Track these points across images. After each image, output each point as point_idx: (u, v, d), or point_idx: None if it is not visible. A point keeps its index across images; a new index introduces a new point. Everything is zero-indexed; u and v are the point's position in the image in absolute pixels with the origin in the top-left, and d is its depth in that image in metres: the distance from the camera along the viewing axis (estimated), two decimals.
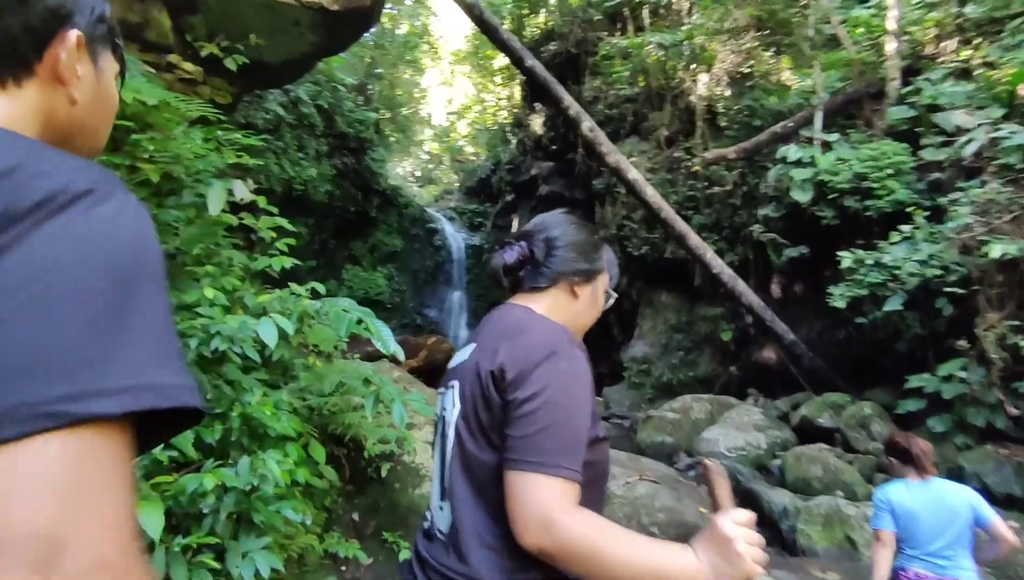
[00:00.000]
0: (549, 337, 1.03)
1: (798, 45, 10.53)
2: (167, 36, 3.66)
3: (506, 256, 1.18)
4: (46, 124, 0.57)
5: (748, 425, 7.99)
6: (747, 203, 10.18)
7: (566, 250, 1.17)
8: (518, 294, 1.21)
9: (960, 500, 2.68)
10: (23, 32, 0.53)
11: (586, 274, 1.20)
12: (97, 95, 0.62)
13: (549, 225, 1.21)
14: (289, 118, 14.08)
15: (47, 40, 0.55)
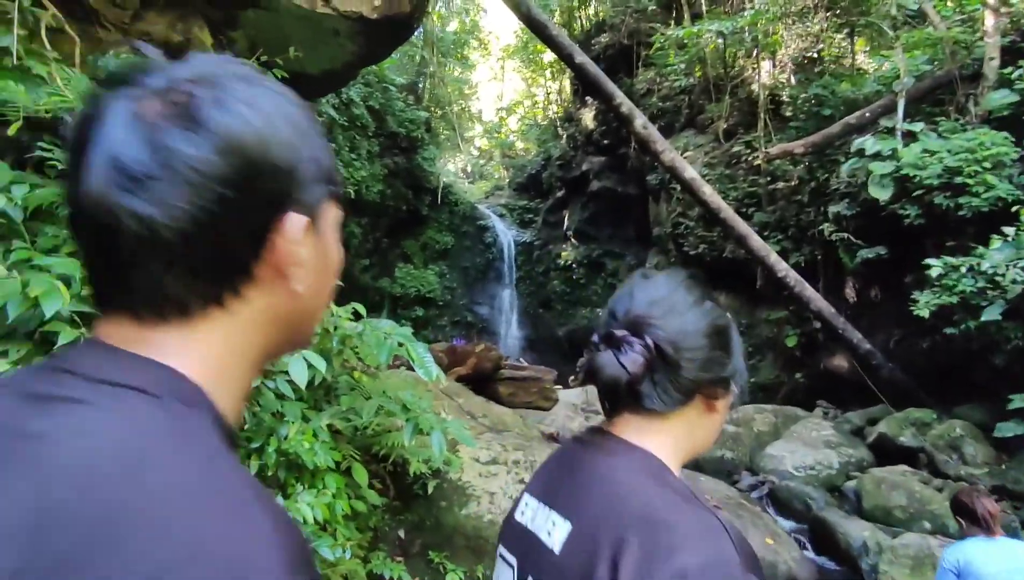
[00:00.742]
0: (713, 561, 0.64)
1: (875, 25, 9.69)
2: (209, 53, 3.60)
3: (625, 361, 0.75)
4: (268, 328, 0.50)
5: (818, 441, 7.42)
6: (815, 200, 9.48)
7: (702, 345, 0.78)
8: (623, 414, 0.81)
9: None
10: (241, 236, 0.46)
11: (727, 377, 0.82)
12: (322, 267, 0.53)
13: (668, 305, 0.79)
14: (341, 120, 14.30)
15: (265, 234, 0.47)
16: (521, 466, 4.91)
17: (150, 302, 0.45)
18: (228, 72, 0.47)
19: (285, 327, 0.52)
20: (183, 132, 0.43)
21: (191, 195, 0.43)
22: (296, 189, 0.48)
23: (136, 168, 0.42)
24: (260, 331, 0.49)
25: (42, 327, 1.62)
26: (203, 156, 0.43)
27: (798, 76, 11.56)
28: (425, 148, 18.67)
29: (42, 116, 2.23)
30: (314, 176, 0.50)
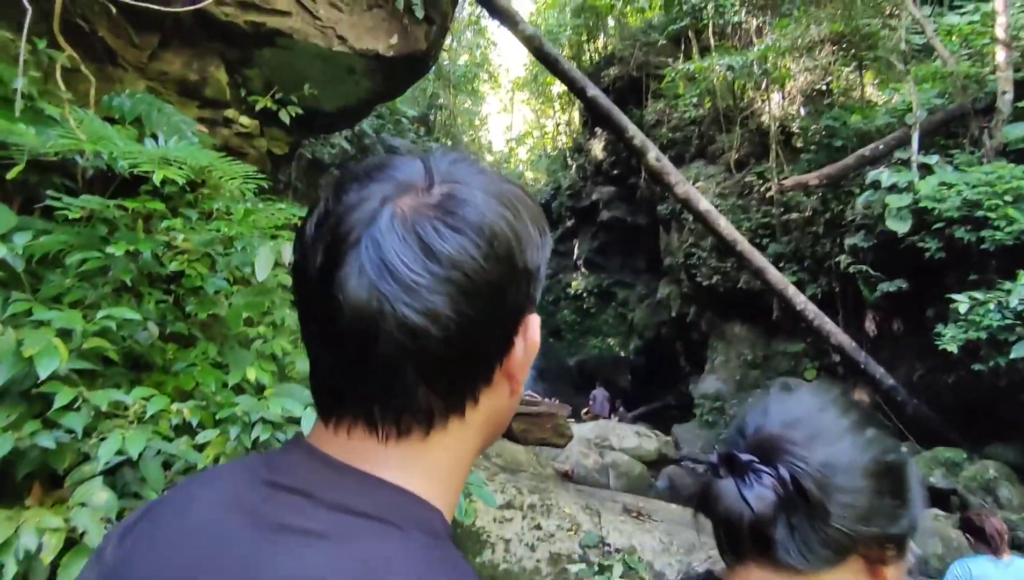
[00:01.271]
0: None
1: (883, 58, 9.71)
2: (224, 92, 3.61)
3: (750, 495, 0.59)
4: (486, 430, 0.49)
5: None
6: (830, 231, 9.35)
7: (861, 487, 0.59)
8: (749, 565, 0.62)
9: None
10: (496, 342, 0.45)
11: (900, 534, 0.61)
12: (528, 362, 0.52)
13: (812, 428, 0.61)
14: (353, 152, 14.45)
15: (513, 338, 0.47)
16: (537, 510, 4.72)
17: (395, 413, 0.43)
18: (466, 163, 0.47)
19: (496, 427, 0.51)
20: (451, 234, 0.41)
21: (461, 301, 0.41)
22: (537, 289, 0.48)
23: (407, 273, 0.40)
24: (481, 434, 0.48)
25: (38, 387, 1.53)
26: (473, 261, 0.41)
27: (808, 108, 11.56)
28: None
29: (51, 158, 2.19)
30: (542, 271, 0.49)
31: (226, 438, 2.32)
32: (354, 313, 0.40)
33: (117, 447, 1.53)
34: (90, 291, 2.01)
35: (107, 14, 3.06)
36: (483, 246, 0.42)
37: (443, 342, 0.41)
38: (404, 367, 0.41)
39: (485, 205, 0.43)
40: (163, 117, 2.83)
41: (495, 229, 0.43)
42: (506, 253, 0.43)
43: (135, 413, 1.73)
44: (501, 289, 0.43)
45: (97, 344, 1.76)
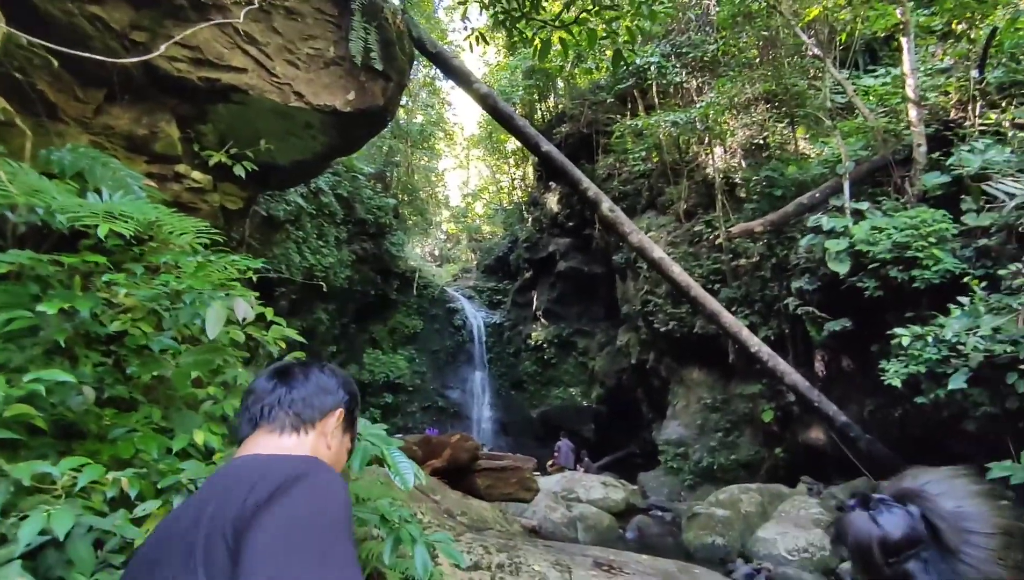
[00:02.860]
0: None
1: (812, 115, 10.50)
2: (175, 147, 3.54)
3: (883, 520, 0.65)
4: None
5: (807, 520, 7.18)
6: (778, 275, 9.76)
7: (994, 540, 0.57)
8: None
9: None
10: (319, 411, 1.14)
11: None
12: (339, 445, 1.18)
13: (945, 486, 0.59)
14: (310, 208, 14.35)
15: (327, 413, 1.16)
16: (506, 570, 4.51)
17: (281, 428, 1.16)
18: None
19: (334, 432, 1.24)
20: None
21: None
22: (345, 405, 1.27)
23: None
24: (327, 438, 1.22)
25: None
26: None
27: (748, 161, 12.28)
28: (393, 233, 18.82)
29: None
30: (353, 405, 1.31)
31: (168, 509, 2.14)
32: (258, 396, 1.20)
33: (41, 526, 1.37)
34: (16, 354, 1.86)
35: (48, 68, 2.99)
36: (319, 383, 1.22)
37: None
38: (281, 413, 1.15)
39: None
40: (107, 171, 2.73)
41: (329, 380, 1.26)
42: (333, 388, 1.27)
43: (64, 486, 1.58)
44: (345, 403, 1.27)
45: (22, 411, 1.61)
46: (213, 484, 0.93)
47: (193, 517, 0.86)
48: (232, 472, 0.94)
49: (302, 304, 14.31)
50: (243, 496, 0.81)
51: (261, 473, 0.87)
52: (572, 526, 8.32)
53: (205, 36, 3.46)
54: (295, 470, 0.87)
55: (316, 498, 0.83)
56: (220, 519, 0.81)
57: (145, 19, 3.25)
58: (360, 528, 3.64)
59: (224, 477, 0.93)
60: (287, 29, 3.69)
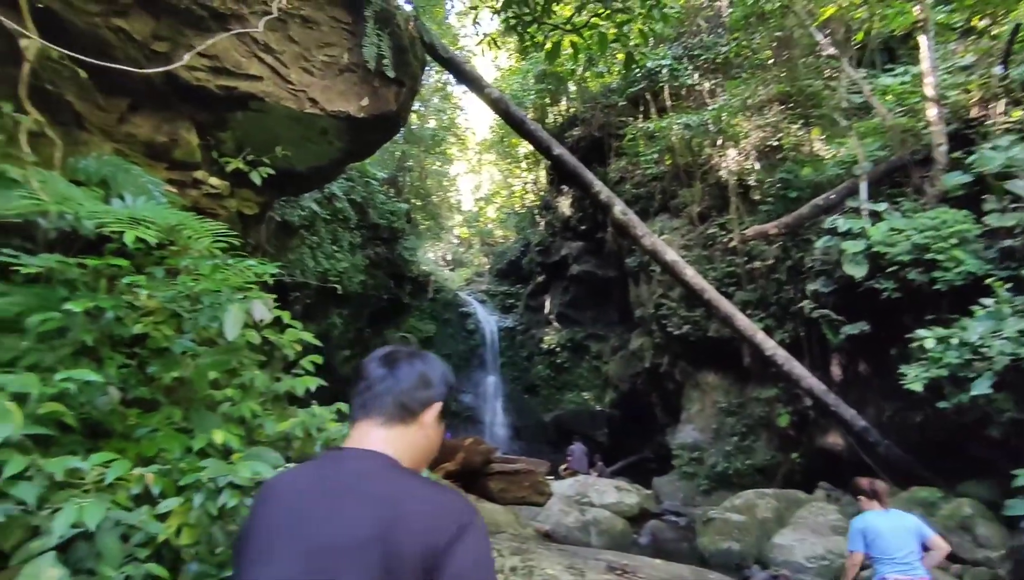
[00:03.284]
0: None
1: (827, 116, 10.41)
2: (194, 153, 3.63)
3: None
4: (413, 449, 1.12)
5: (825, 527, 7.08)
6: (793, 278, 9.68)
7: None
8: None
9: (911, 523, 3.87)
10: (421, 404, 1.13)
11: None
12: (436, 436, 1.18)
13: None
14: (324, 214, 14.50)
15: (429, 406, 1.14)
16: (519, 573, 4.52)
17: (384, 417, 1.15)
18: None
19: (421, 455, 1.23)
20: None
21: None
22: (442, 397, 1.25)
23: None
24: (414, 446, 1.18)
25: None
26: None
27: (762, 162, 12.19)
28: (406, 238, 18.93)
29: (13, 220, 2.14)
30: (451, 396, 1.28)
31: (189, 507, 2.19)
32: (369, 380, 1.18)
33: (74, 519, 1.42)
34: (48, 354, 1.92)
35: (76, 79, 3.09)
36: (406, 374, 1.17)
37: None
38: (389, 401, 1.14)
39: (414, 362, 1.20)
40: (130, 178, 2.81)
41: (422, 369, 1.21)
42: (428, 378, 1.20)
43: (92, 481, 1.63)
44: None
45: (53, 409, 1.66)
46: (337, 492, 0.97)
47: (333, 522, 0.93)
48: (369, 487, 0.97)
49: (317, 309, 14.44)
50: (423, 533, 0.89)
51: (427, 510, 0.93)
52: (585, 530, 8.29)
53: (224, 45, 3.55)
54: (463, 516, 0.93)
55: (485, 546, 0.94)
56: (396, 544, 0.88)
57: (166, 30, 3.35)
58: None
59: (356, 490, 0.97)
60: (303, 37, 3.77)
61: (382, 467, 1.01)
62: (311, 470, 1.06)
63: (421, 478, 1.04)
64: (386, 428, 1.08)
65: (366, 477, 0.99)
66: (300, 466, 1.12)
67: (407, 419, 1.10)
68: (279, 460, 2.66)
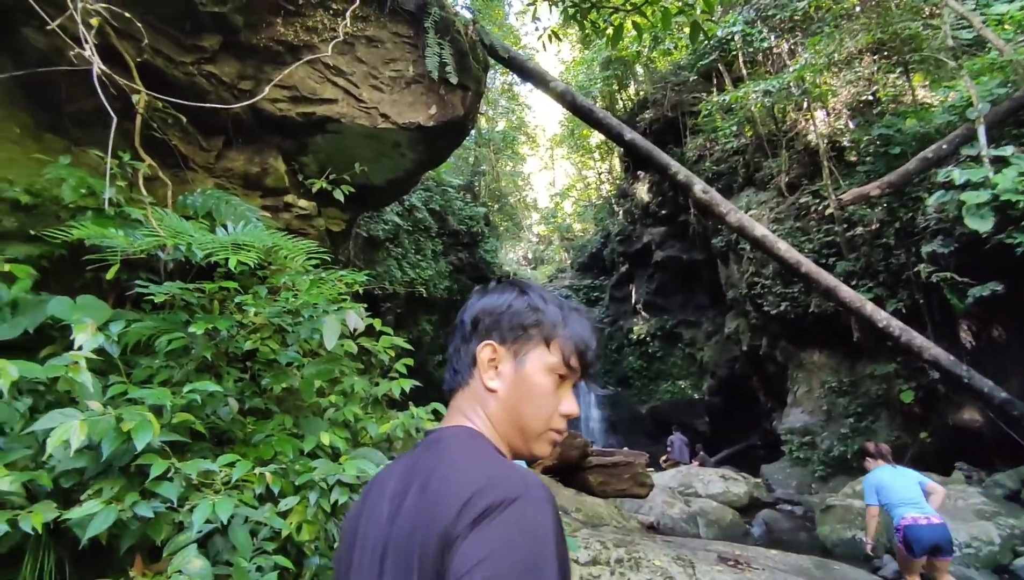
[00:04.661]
0: None
1: (930, 59, 9.38)
2: (283, 179, 3.91)
3: None
4: (486, 411, 0.88)
5: (968, 511, 6.40)
6: (903, 241, 8.82)
7: None
8: None
9: (912, 474, 4.68)
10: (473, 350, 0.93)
11: None
12: (516, 388, 0.88)
13: None
14: (406, 225, 15.11)
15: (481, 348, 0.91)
16: (625, 565, 4.46)
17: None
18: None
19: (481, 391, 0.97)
20: None
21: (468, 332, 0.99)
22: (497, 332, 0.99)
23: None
24: (475, 396, 0.94)
25: (135, 460, 1.63)
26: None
27: (856, 120, 11.22)
28: (486, 241, 19.26)
29: (138, 256, 2.42)
30: (517, 325, 0.98)
31: (306, 504, 2.36)
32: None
33: (208, 513, 1.58)
34: (176, 370, 2.15)
35: (179, 125, 3.43)
36: (487, 312, 0.95)
37: (460, 347, 0.95)
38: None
39: (504, 298, 0.98)
40: (230, 208, 3.08)
41: (497, 307, 0.97)
42: (486, 316, 0.96)
43: (221, 481, 1.80)
44: (476, 331, 0.96)
45: (185, 418, 1.86)
46: (414, 469, 0.81)
47: (388, 512, 0.79)
48: (434, 467, 0.77)
49: (407, 317, 15.05)
50: (449, 515, 0.68)
51: (445, 486, 0.72)
52: (692, 521, 8.02)
53: (300, 75, 3.80)
54: (497, 491, 0.68)
55: (519, 536, 0.66)
56: (421, 531, 0.71)
57: (249, 68, 3.64)
58: None
59: (426, 470, 0.78)
60: (369, 56, 3.95)
61: (440, 441, 0.83)
62: (400, 460, 0.90)
63: (469, 448, 0.80)
64: (459, 392, 0.90)
65: (425, 458, 0.81)
66: (398, 458, 0.95)
67: (465, 374, 0.89)
68: (383, 459, 2.80)
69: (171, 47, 3.42)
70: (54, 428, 1.43)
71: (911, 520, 4.37)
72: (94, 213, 2.61)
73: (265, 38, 3.67)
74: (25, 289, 2.14)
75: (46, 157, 2.77)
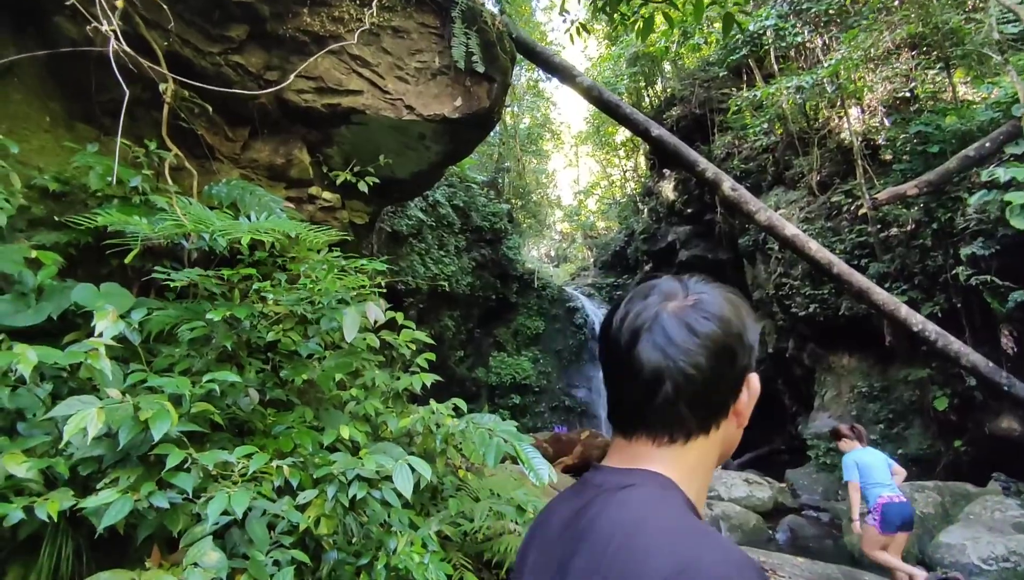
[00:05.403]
0: None
1: (973, 54, 9.02)
2: (307, 171, 3.90)
3: None
4: (720, 446, 0.77)
5: (1005, 524, 6.14)
6: (941, 242, 8.51)
7: None
8: None
9: (882, 455, 5.03)
10: (732, 385, 0.75)
11: None
12: (750, 402, 0.80)
13: None
14: (429, 221, 15.14)
15: (740, 387, 0.76)
16: None
17: (669, 428, 0.71)
18: (704, 281, 0.78)
19: (727, 448, 0.79)
20: (704, 321, 0.70)
21: (712, 359, 0.69)
22: (754, 357, 0.76)
23: (682, 343, 0.68)
24: (717, 450, 0.76)
25: (153, 450, 1.60)
26: (719, 336, 0.70)
27: (891, 118, 10.86)
28: (509, 238, 19.22)
29: (161, 244, 2.42)
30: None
31: (324, 498, 2.33)
32: (649, 368, 0.68)
33: (224, 506, 1.55)
34: (197, 360, 2.14)
35: (205, 115, 3.44)
36: (723, 328, 0.71)
37: (702, 383, 0.69)
38: (678, 401, 0.69)
39: (721, 305, 0.73)
40: (254, 199, 3.07)
41: (730, 318, 0.72)
42: (736, 333, 0.72)
43: (239, 472, 1.77)
44: (734, 353, 0.71)
45: (204, 408, 1.84)
46: (585, 523, 0.67)
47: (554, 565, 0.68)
48: (609, 526, 0.64)
49: (429, 312, 15.09)
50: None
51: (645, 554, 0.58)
52: (714, 525, 7.87)
53: (325, 66, 3.78)
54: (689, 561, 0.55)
55: None
56: None
57: (276, 58, 3.63)
58: (497, 522, 3.72)
59: (600, 529, 0.65)
60: (395, 47, 3.92)
61: (622, 489, 0.69)
62: (567, 501, 0.76)
63: (660, 506, 0.65)
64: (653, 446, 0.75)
65: (602, 510, 0.68)
66: (565, 491, 0.80)
67: (699, 419, 0.74)
68: (403, 454, 2.76)
69: (199, 37, 3.43)
70: (72, 415, 1.42)
71: (888, 499, 4.68)
72: (120, 201, 2.62)
73: (291, 28, 3.66)
74: (51, 275, 2.14)
75: (76, 145, 2.79)
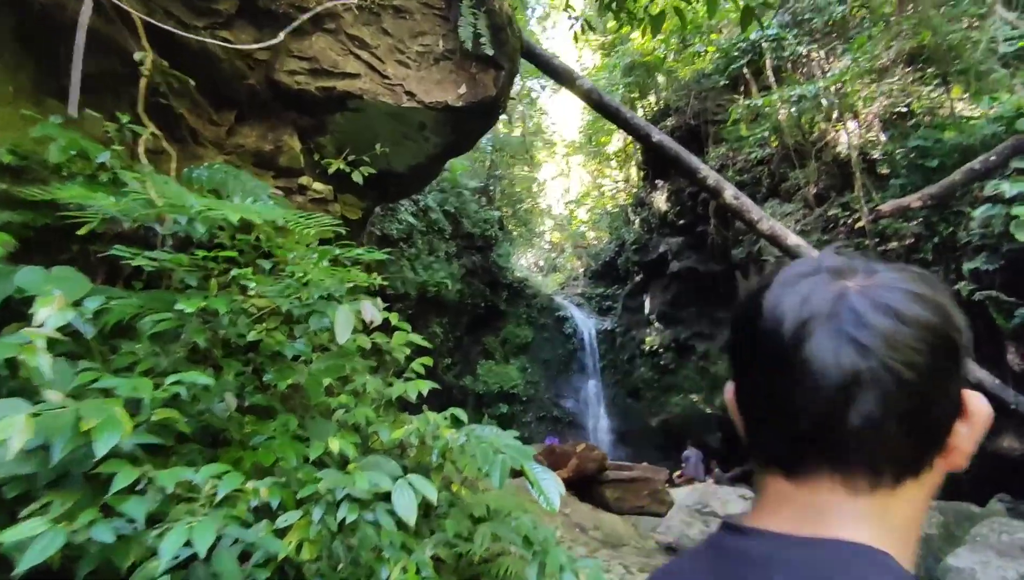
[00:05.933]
0: None
1: (972, 69, 9.00)
2: (298, 160, 3.62)
3: None
4: (932, 491, 0.53)
5: (1013, 547, 5.95)
6: (943, 257, 8.42)
7: None
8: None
9: None
10: (953, 399, 0.51)
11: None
12: (974, 433, 0.56)
13: None
14: (420, 226, 14.87)
15: (960, 410, 0.51)
16: None
17: (872, 462, 0.47)
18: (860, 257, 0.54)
19: (929, 503, 0.53)
20: (912, 304, 0.47)
21: (931, 355, 0.46)
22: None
23: (888, 332, 0.46)
24: (927, 501, 0.52)
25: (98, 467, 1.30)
26: (938, 324, 0.47)
27: (888, 132, 10.84)
28: (499, 245, 19.01)
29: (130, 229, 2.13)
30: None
31: (309, 521, 2.03)
32: (838, 371, 0.45)
33: (183, 540, 1.25)
34: (163, 358, 1.84)
35: (188, 95, 3.14)
36: (939, 315, 0.48)
37: (920, 393, 0.46)
38: (886, 419, 0.45)
39: (923, 285, 0.49)
40: (239, 184, 2.79)
41: (943, 303, 0.49)
42: (956, 324, 0.49)
43: (207, 495, 1.48)
44: (957, 351, 0.48)
45: (167, 415, 1.54)
46: None
47: None
48: None
49: (418, 318, 14.76)
50: None
51: None
52: None
53: (320, 46, 3.51)
54: None
55: None
56: None
57: (267, 37, 3.36)
58: (495, 544, 3.42)
59: None
60: (396, 29, 3.67)
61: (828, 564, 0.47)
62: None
63: None
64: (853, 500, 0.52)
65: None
66: (690, 559, 0.61)
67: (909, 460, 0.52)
68: (397, 470, 2.47)
69: (182, 9, 3.14)
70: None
71: None
72: (85, 179, 2.32)
73: (284, 4, 3.39)
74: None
75: (37, 116, 2.49)
